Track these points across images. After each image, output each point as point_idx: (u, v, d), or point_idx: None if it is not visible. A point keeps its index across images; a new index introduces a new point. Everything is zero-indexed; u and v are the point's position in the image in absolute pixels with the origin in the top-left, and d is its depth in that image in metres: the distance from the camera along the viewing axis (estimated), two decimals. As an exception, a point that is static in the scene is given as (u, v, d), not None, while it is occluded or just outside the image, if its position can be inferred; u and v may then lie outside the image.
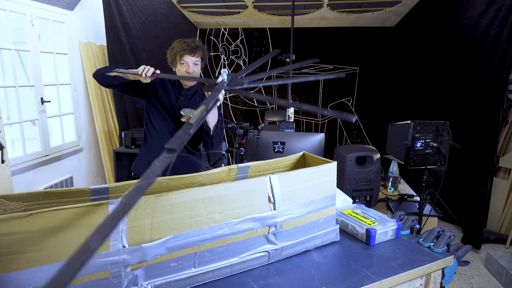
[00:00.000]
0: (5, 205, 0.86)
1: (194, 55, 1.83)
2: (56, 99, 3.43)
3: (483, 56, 3.04)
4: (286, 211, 1.04)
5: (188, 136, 0.84)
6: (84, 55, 3.74)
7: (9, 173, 2.49)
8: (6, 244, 0.68)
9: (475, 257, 2.95)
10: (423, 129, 2.09)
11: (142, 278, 0.83)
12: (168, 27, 4.09)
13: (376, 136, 4.51)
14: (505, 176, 3.29)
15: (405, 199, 2.48)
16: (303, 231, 1.11)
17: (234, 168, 1.17)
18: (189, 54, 1.82)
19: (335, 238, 1.22)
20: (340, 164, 2.12)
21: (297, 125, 4.62)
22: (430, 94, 3.71)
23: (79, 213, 0.74)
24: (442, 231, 1.21)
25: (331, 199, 1.16)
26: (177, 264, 0.88)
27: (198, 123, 0.90)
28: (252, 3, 3.54)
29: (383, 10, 3.62)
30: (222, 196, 0.92)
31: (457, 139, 2.33)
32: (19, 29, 3.11)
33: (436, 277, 1.14)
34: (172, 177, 1.05)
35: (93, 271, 0.77)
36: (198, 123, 0.90)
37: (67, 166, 3.57)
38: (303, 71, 4.50)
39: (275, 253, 1.05)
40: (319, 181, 1.12)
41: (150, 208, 0.82)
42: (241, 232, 0.96)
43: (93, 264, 0.76)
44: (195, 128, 0.89)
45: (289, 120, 2.86)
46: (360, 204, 1.49)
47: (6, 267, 0.69)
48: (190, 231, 0.88)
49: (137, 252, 0.81)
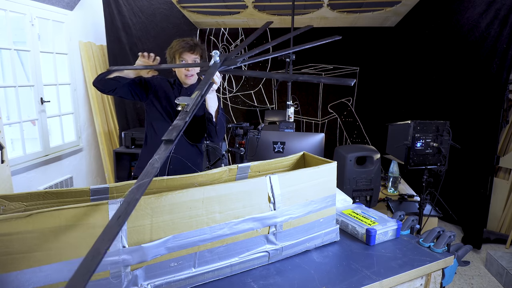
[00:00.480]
0: (5, 205, 0.86)
1: (193, 52, 1.81)
2: (56, 99, 3.43)
3: (484, 56, 3.04)
4: (286, 211, 1.04)
5: (185, 124, 0.83)
6: (84, 55, 3.74)
7: (9, 173, 2.49)
8: (6, 244, 0.68)
9: (475, 257, 2.95)
10: (423, 129, 2.09)
11: (142, 278, 0.83)
12: (168, 27, 4.09)
13: (376, 136, 4.51)
14: (505, 176, 3.29)
15: (405, 199, 2.48)
16: (303, 231, 1.11)
17: (234, 168, 1.17)
18: (188, 52, 1.79)
19: (335, 238, 1.21)
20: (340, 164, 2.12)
21: (297, 125, 4.62)
22: (430, 94, 3.71)
23: (79, 213, 0.74)
24: (442, 231, 1.21)
25: (331, 199, 1.16)
26: (177, 264, 0.88)
27: (194, 110, 0.89)
28: (252, 3, 3.54)
29: (383, 10, 3.61)
30: (222, 196, 0.92)
31: (457, 139, 2.33)
32: (19, 29, 3.11)
33: (436, 277, 1.14)
34: (172, 177, 1.05)
35: None
36: (194, 110, 0.89)
37: (67, 166, 3.57)
38: (303, 71, 4.50)
39: (275, 253, 1.05)
40: (319, 181, 1.11)
41: (150, 208, 0.82)
42: (241, 232, 0.96)
43: None
44: (191, 115, 0.88)
45: (289, 120, 2.86)
46: (360, 204, 1.49)
47: (6, 267, 0.69)
48: (190, 231, 0.88)
49: (137, 252, 0.81)
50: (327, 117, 4.64)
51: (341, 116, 4.61)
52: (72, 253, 0.74)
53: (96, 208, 0.76)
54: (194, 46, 1.82)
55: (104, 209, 0.76)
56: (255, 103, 4.73)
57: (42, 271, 0.72)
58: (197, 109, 0.94)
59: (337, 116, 4.62)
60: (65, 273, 0.73)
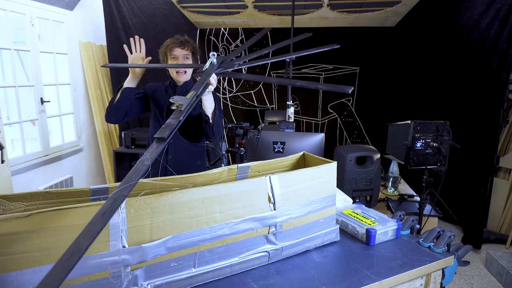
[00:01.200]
0: (5, 205, 0.86)
1: (184, 48, 1.80)
2: (56, 99, 3.43)
3: (484, 56, 3.04)
4: (286, 211, 1.04)
5: (179, 123, 0.82)
6: (84, 55, 3.74)
7: (9, 173, 2.48)
8: (6, 244, 0.68)
9: (475, 257, 2.95)
10: (423, 129, 2.09)
11: (142, 278, 0.83)
12: (168, 27, 4.09)
13: (376, 136, 4.51)
14: (505, 176, 3.29)
15: (405, 199, 2.48)
16: (303, 231, 1.11)
17: (234, 168, 1.17)
18: (179, 47, 1.79)
19: (335, 238, 1.22)
20: (340, 164, 2.12)
21: (297, 125, 4.62)
22: (430, 94, 3.71)
23: (79, 213, 0.74)
24: (442, 231, 1.21)
25: (331, 199, 1.16)
26: (177, 264, 0.88)
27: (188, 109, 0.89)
28: (252, 3, 3.54)
29: (383, 10, 3.61)
30: (222, 196, 0.92)
31: (457, 139, 2.33)
32: (19, 29, 3.11)
33: (436, 277, 1.14)
34: (172, 177, 1.05)
35: (93, 271, 0.77)
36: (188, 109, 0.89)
37: (67, 166, 3.57)
38: (303, 71, 4.50)
39: (275, 253, 1.05)
40: (319, 181, 1.12)
41: (150, 208, 0.82)
42: (241, 232, 0.96)
43: (93, 264, 0.76)
44: (186, 115, 0.88)
45: (289, 120, 2.86)
46: (360, 204, 1.49)
47: (6, 267, 0.69)
48: (190, 231, 0.88)
49: (137, 252, 0.81)
50: (327, 117, 4.63)
51: (341, 116, 4.61)
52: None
53: (96, 208, 0.76)
54: (185, 41, 1.82)
55: (104, 209, 0.76)
56: (255, 103, 4.73)
57: (42, 271, 0.72)
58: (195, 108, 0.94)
59: (337, 116, 4.62)
60: (65, 273, 0.73)
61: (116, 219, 0.78)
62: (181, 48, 1.80)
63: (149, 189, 1.01)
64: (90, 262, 0.76)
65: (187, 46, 1.82)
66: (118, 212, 0.78)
